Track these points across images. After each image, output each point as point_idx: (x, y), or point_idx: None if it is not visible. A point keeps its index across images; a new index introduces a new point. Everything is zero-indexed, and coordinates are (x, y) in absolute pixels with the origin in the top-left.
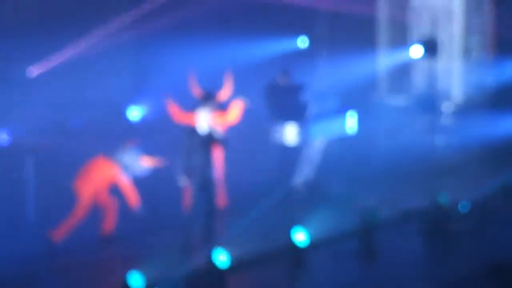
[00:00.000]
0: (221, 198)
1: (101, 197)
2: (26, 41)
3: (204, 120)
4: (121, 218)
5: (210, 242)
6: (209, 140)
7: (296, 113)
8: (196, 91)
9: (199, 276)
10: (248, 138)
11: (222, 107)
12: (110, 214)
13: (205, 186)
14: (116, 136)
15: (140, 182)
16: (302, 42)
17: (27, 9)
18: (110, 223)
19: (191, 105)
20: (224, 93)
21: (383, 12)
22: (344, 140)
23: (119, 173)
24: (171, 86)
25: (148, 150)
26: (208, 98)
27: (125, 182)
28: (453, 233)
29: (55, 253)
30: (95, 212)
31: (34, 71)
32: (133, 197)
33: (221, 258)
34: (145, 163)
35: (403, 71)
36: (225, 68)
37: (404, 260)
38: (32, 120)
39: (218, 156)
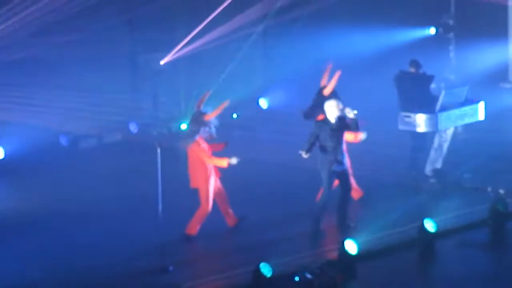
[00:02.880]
0: (355, 189)
1: (212, 179)
2: (156, 32)
3: (333, 111)
4: (251, 209)
5: (342, 231)
6: (339, 129)
7: (426, 102)
8: (324, 82)
9: (330, 265)
10: (379, 128)
11: None
12: (224, 207)
13: (340, 175)
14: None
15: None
16: (432, 31)
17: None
18: (230, 213)
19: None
20: (329, 89)
21: None
22: (474, 129)
23: (204, 149)
24: (298, 77)
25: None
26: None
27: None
28: None
29: (186, 244)
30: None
31: (164, 62)
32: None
33: (352, 247)
34: (210, 117)
35: None
36: (354, 58)
37: None
38: (160, 112)
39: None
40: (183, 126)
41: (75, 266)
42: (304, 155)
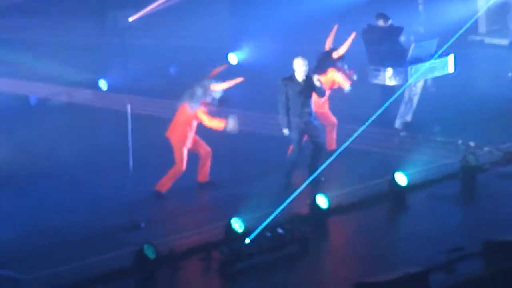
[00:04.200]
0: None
1: (193, 142)
2: None
3: (300, 70)
4: (223, 165)
5: (313, 185)
6: (306, 88)
7: (395, 55)
8: (329, 46)
9: (301, 220)
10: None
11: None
12: (203, 161)
13: (309, 132)
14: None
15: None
16: None
17: None
18: (205, 170)
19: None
20: (343, 49)
21: None
22: (444, 82)
23: (194, 110)
24: (268, 31)
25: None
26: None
27: (201, 115)
28: None
29: (157, 201)
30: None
31: (133, 18)
32: (216, 126)
33: (323, 201)
34: (218, 88)
35: (503, 11)
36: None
37: (504, 203)
38: (131, 67)
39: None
40: None
41: (46, 224)
42: (286, 132)
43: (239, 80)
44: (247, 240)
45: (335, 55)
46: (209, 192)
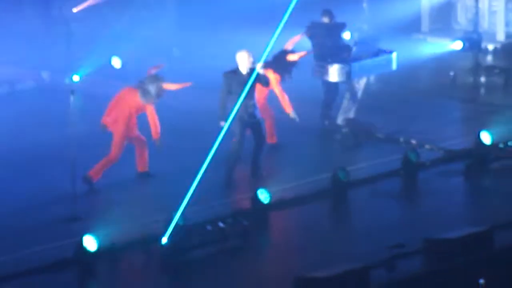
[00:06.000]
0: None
1: (132, 130)
2: None
3: (245, 62)
4: (163, 157)
5: (254, 179)
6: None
7: (339, 52)
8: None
9: (243, 214)
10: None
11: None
12: (141, 152)
13: (252, 127)
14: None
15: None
16: None
17: None
18: (143, 159)
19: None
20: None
21: None
22: (386, 79)
23: (144, 104)
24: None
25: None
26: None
27: (150, 110)
28: (497, 173)
29: (94, 191)
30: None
31: (76, 9)
32: (154, 128)
33: (265, 196)
34: (168, 87)
35: (447, 10)
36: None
37: (445, 200)
38: (74, 58)
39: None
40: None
41: None
42: (223, 124)
43: (188, 84)
44: (188, 233)
45: (289, 57)
46: (150, 184)
